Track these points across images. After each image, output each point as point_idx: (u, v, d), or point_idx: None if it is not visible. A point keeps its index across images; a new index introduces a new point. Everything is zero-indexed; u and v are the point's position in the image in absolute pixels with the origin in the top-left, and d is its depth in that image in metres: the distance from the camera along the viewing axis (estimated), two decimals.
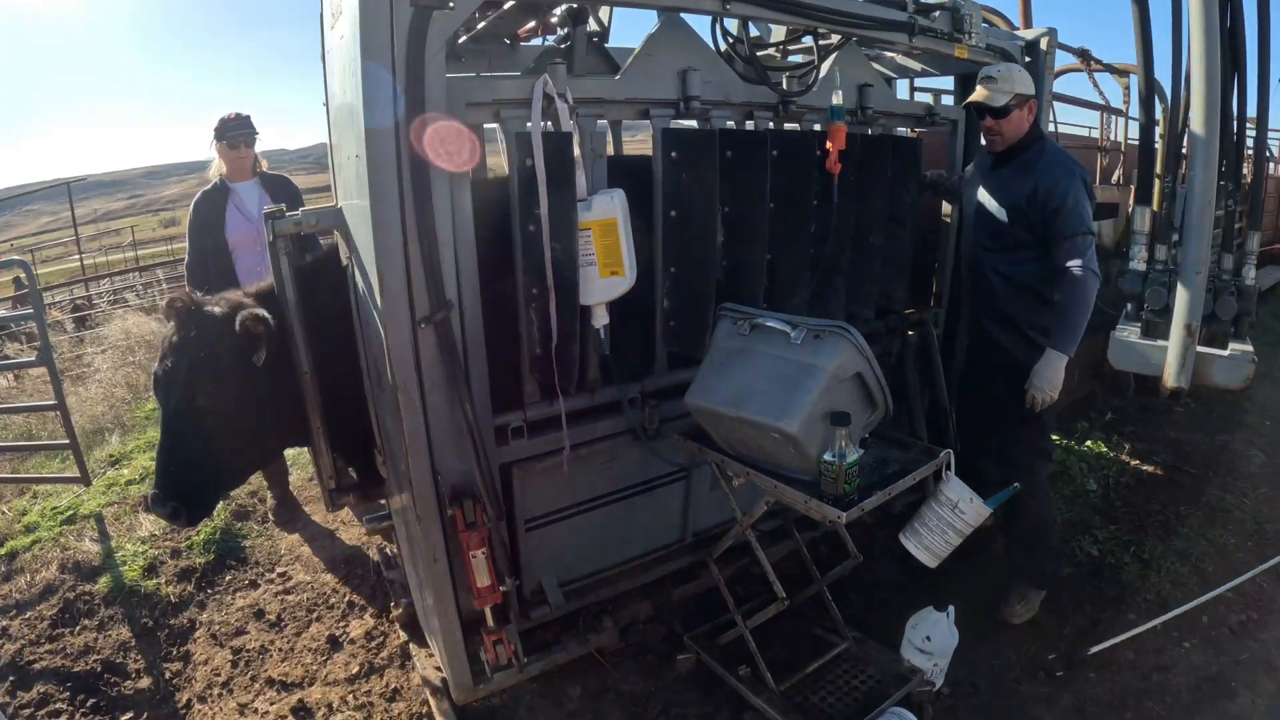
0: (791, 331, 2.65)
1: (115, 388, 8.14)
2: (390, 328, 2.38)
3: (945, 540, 2.78)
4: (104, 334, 9.77)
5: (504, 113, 2.65)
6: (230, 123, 4.40)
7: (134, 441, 6.54)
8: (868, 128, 3.71)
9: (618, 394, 3.08)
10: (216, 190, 4.45)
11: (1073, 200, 3.17)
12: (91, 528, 4.99)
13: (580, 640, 3.29)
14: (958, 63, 3.96)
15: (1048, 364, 3.20)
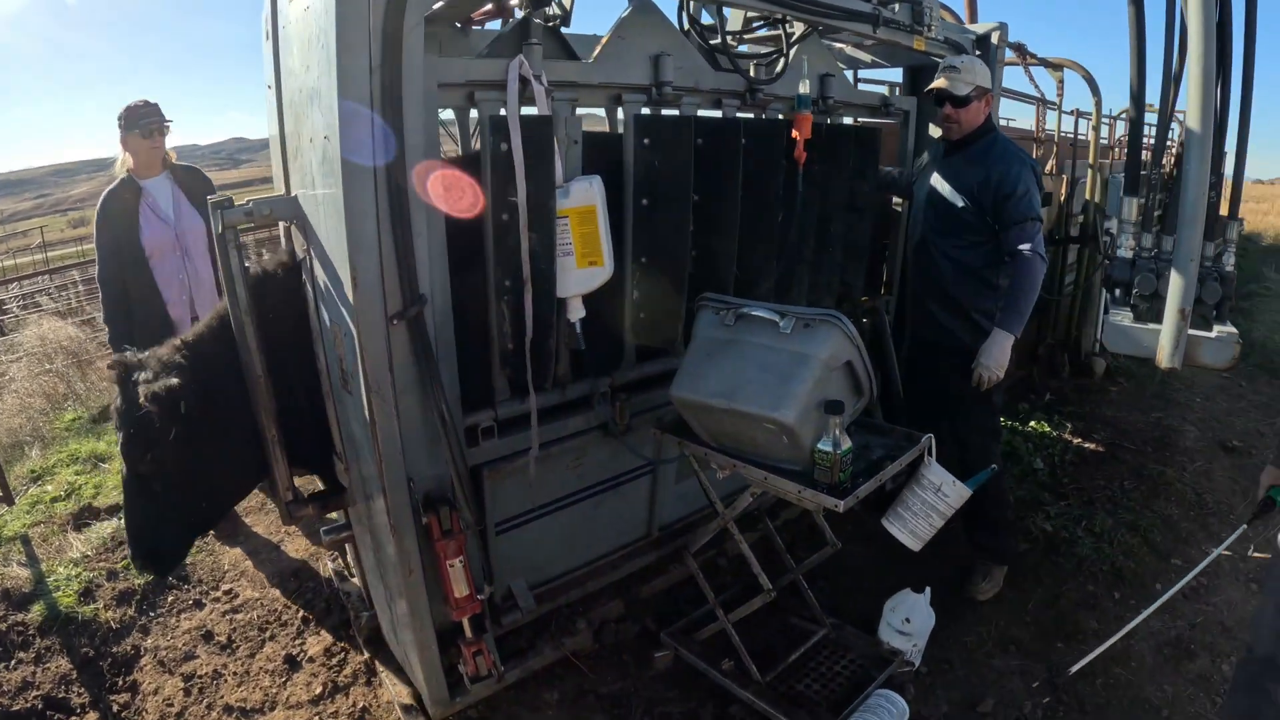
0: (780, 321, 2.58)
1: (32, 398, 7.61)
2: (363, 325, 2.20)
3: (929, 523, 2.76)
4: (17, 340, 9.14)
5: (478, 95, 2.50)
6: (140, 110, 3.98)
7: (56, 455, 6.09)
8: (828, 117, 3.67)
9: (589, 389, 2.96)
10: (125, 188, 4.01)
11: (1023, 187, 3.25)
12: (18, 550, 4.60)
13: (555, 644, 3.18)
14: (909, 55, 4.00)
15: (994, 343, 3.25)
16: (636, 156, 2.86)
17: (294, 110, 2.53)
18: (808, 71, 3.30)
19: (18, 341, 9.10)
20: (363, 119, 2.10)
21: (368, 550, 2.95)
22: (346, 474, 2.76)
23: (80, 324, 9.72)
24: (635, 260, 2.94)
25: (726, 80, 3.17)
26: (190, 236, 4.11)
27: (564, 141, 2.62)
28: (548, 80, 2.54)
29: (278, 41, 2.68)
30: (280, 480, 2.72)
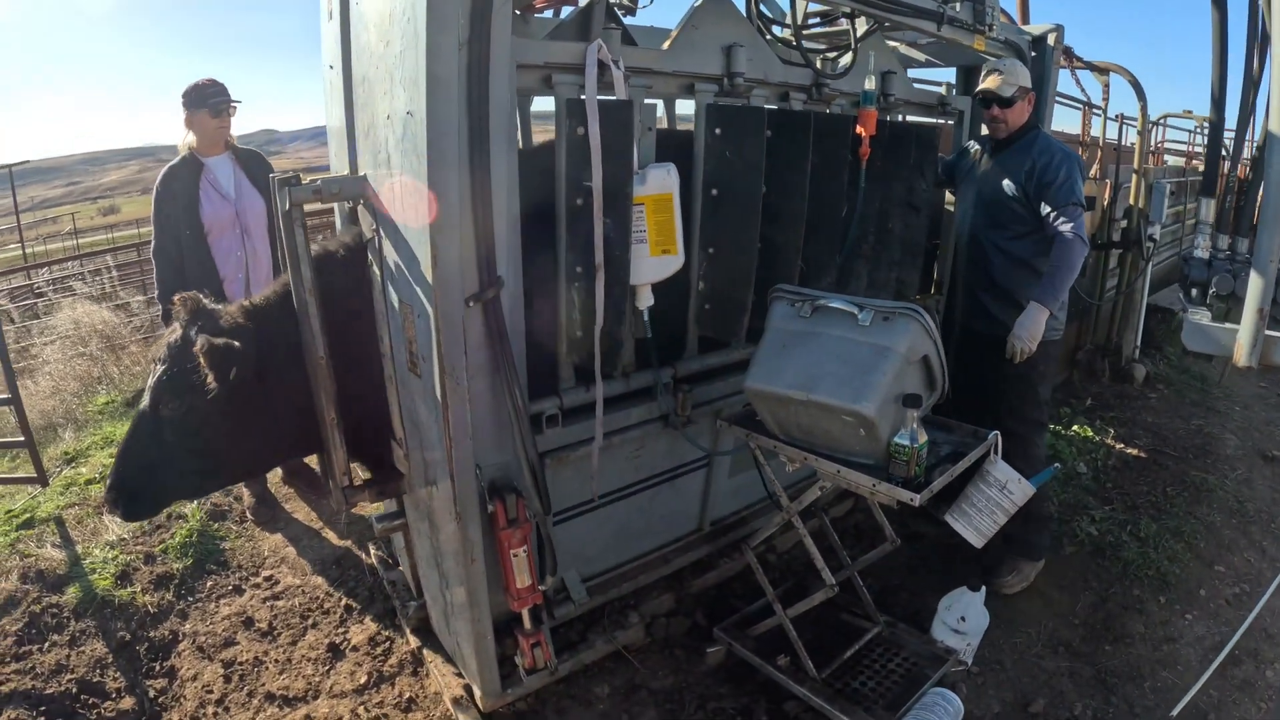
0: (859, 313, 2.53)
1: (66, 380, 7.57)
2: (441, 306, 2.14)
3: (993, 520, 2.72)
4: (52, 324, 9.10)
5: (555, 77, 2.44)
6: (209, 88, 3.97)
7: (90, 438, 6.03)
8: (888, 114, 3.62)
9: (652, 379, 2.89)
10: (186, 165, 4.00)
11: (1065, 174, 3.33)
12: (52, 532, 4.54)
13: (607, 637, 3.12)
14: (963, 54, 3.95)
15: (1029, 315, 3.26)
16: (707, 146, 2.81)
17: (367, 88, 2.48)
18: (873, 67, 3.28)
19: (51, 325, 9.09)
20: (450, 95, 2.05)
21: (422, 538, 2.89)
22: (405, 460, 2.70)
23: (114, 308, 9.69)
24: (702, 250, 2.88)
25: (794, 74, 3.15)
26: (250, 215, 4.09)
27: (639, 128, 2.56)
28: (624, 66, 2.49)
29: (347, 20, 2.63)
30: (337, 465, 2.66)
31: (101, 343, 8.38)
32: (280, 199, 2.43)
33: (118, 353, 8.34)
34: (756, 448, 2.80)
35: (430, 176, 2.06)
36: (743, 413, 2.89)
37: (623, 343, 2.60)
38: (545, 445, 2.68)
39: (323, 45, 2.99)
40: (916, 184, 3.67)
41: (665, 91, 2.85)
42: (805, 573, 3.53)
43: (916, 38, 4.00)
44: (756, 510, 3.63)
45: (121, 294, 10.44)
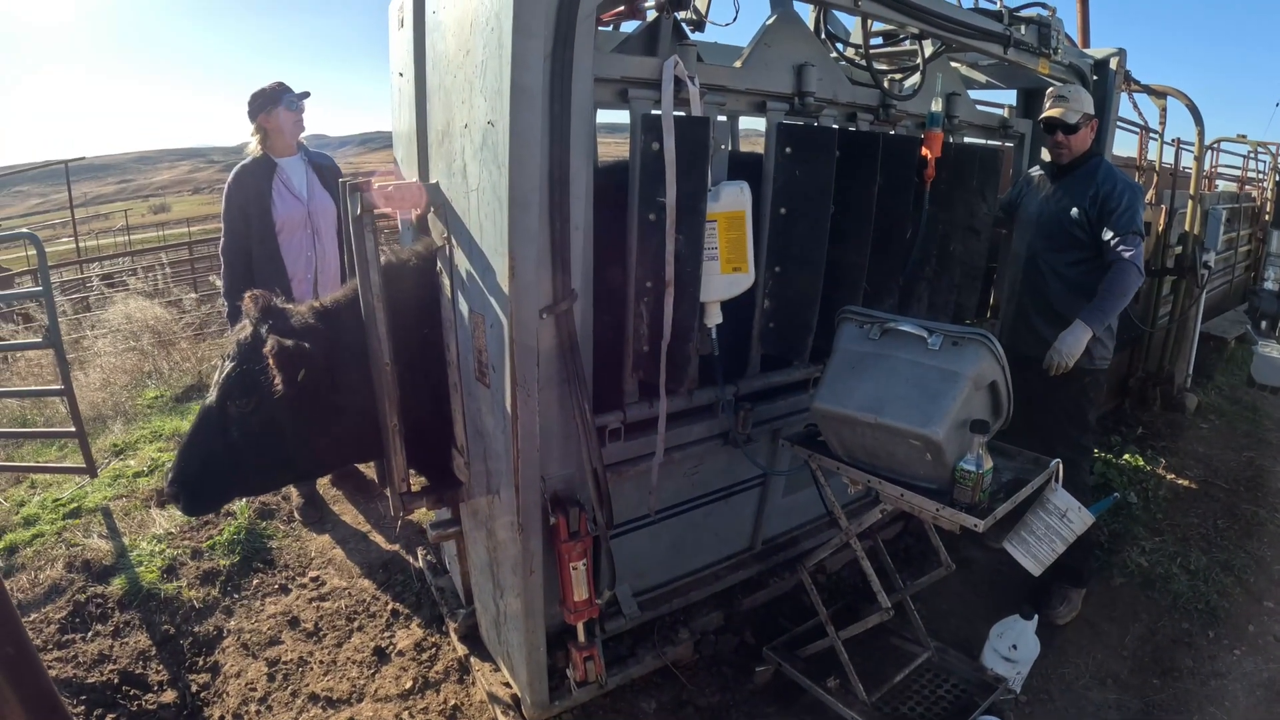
0: (929, 337, 2.50)
1: (116, 374, 7.65)
2: (516, 316, 2.13)
3: (1051, 548, 2.68)
4: (104, 318, 9.20)
5: (632, 92, 2.43)
6: (283, 88, 4.04)
7: (138, 431, 6.10)
8: (951, 136, 3.58)
9: (714, 396, 2.87)
10: (259, 164, 4.04)
11: (1127, 203, 3.33)
12: (99, 522, 4.59)
13: (656, 652, 3.09)
14: (1025, 76, 3.90)
15: (1072, 331, 3.25)
16: (777, 165, 2.79)
17: (443, 96, 2.48)
18: (939, 89, 3.26)
19: (104, 319, 9.21)
20: (533, 105, 2.04)
21: (478, 547, 2.88)
22: (466, 469, 2.69)
23: (166, 305, 9.80)
24: (768, 268, 2.86)
25: (862, 94, 3.14)
26: (321, 216, 4.12)
27: (713, 145, 2.54)
28: (699, 82, 2.48)
29: (421, 29, 2.65)
30: (396, 470, 2.66)
31: (153, 338, 8.45)
32: (351, 204, 2.44)
33: (168, 348, 8.43)
34: (818, 468, 2.77)
35: (511, 187, 2.05)
36: (804, 432, 2.87)
37: (690, 359, 2.58)
38: (606, 459, 2.65)
39: (392, 53, 3.01)
40: (978, 207, 3.63)
41: (736, 109, 2.84)
42: (854, 594, 3.48)
43: (978, 59, 3.97)
44: (808, 530, 3.60)
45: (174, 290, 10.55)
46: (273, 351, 2.37)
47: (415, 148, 2.78)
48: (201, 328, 9.37)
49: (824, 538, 3.25)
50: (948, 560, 3.11)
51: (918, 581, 3.21)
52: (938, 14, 2.98)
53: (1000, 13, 3.39)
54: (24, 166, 24.47)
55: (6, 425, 6.71)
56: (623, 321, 2.55)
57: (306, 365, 2.43)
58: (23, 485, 5.35)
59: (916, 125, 3.37)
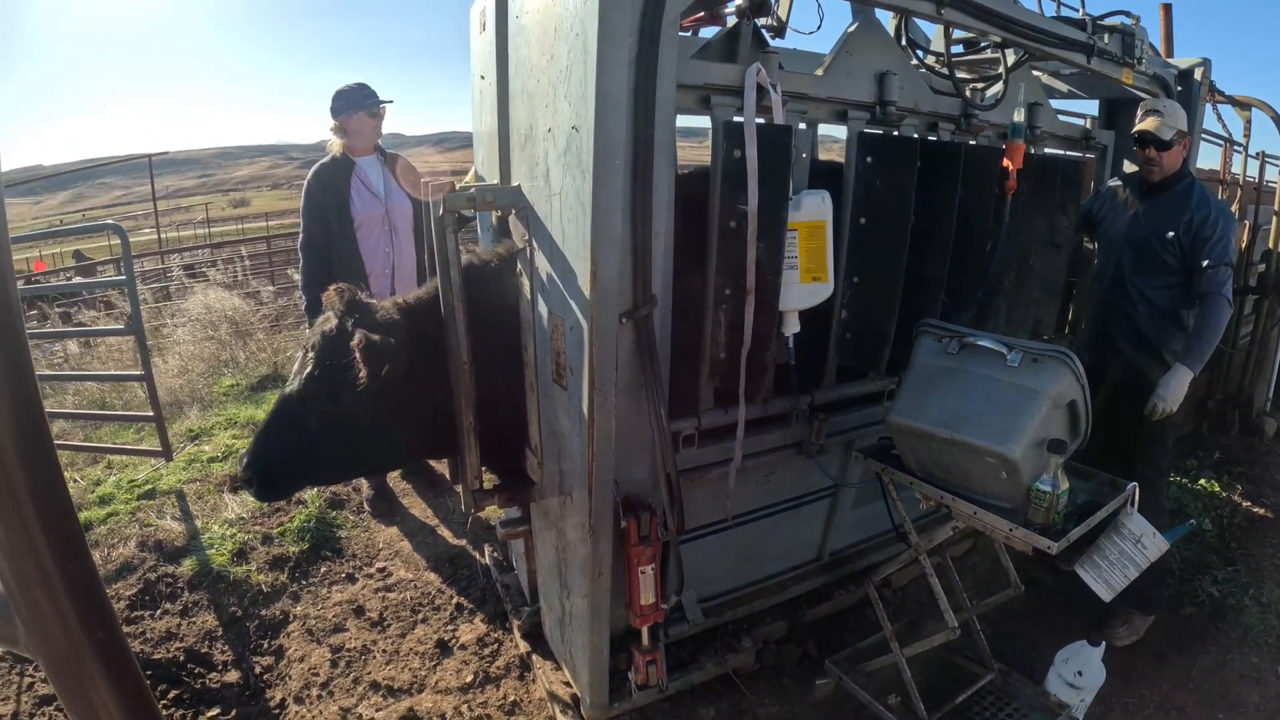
0: (1008, 353, 2.44)
1: (194, 362, 7.88)
2: (597, 320, 2.13)
3: (1124, 574, 2.59)
4: (184, 307, 9.51)
5: (714, 99, 2.42)
6: (364, 90, 4.14)
7: (214, 417, 6.27)
8: (1032, 147, 3.49)
9: (789, 405, 2.83)
10: (338, 163, 4.14)
11: (1221, 232, 3.25)
12: (172, 505, 4.72)
13: (718, 660, 3.07)
14: (1108, 86, 3.79)
15: (1175, 378, 3.22)
16: (858, 174, 2.76)
17: (526, 100, 2.49)
18: (1022, 99, 3.18)
19: (183, 308, 9.50)
20: (618, 111, 2.03)
21: (546, 546, 2.89)
22: (539, 469, 2.71)
23: (244, 296, 10.06)
24: (847, 279, 2.83)
25: (944, 103, 3.07)
26: (398, 214, 4.20)
27: (795, 154, 2.52)
28: (781, 90, 2.45)
29: (504, 33, 2.66)
30: (470, 468, 2.69)
31: (230, 328, 8.69)
32: (434, 205, 2.47)
33: (245, 339, 8.65)
34: (890, 482, 2.72)
35: (595, 192, 2.05)
36: (878, 445, 2.83)
37: (767, 368, 2.55)
38: (680, 465, 2.63)
39: (473, 56, 3.03)
40: (1059, 220, 3.54)
41: (817, 117, 2.80)
42: (920, 611, 3.42)
43: (1060, 68, 3.87)
44: (875, 544, 3.54)
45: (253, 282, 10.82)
46: (360, 345, 2.41)
47: (497, 150, 2.80)
48: (278, 319, 9.62)
49: (892, 552, 3.19)
50: (1017, 581, 3.04)
51: (985, 601, 3.14)
52: (1021, 22, 2.91)
53: (1084, 21, 3.30)
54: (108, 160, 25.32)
55: (86, 408, 6.94)
56: (700, 328, 2.53)
57: (391, 360, 2.46)
58: (100, 465, 5.54)
59: (998, 135, 3.29)
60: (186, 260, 14.13)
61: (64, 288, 10.65)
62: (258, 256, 15.61)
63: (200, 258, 14.18)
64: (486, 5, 2.77)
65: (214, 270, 11.33)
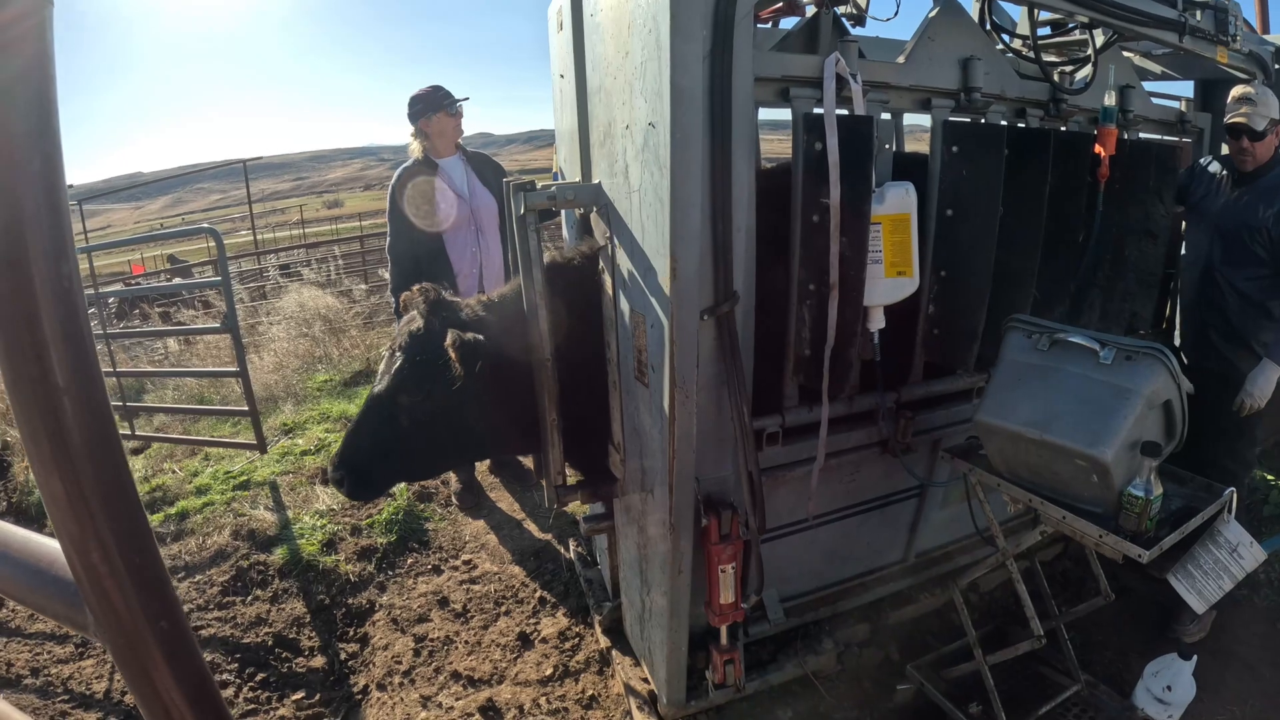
0: (1101, 350, 2.29)
1: (289, 358, 8.10)
2: (677, 318, 2.08)
3: (1219, 585, 2.42)
4: (279, 305, 9.80)
5: (793, 91, 2.34)
6: (442, 92, 4.17)
7: (307, 412, 6.43)
8: (1125, 132, 3.30)
9: (875, 403, 2.73)
10: (421, 166, 4.17)
11: None
12: (266, 495, 4.85)
13: (797, 661, 2.99)
14: (1202, 66, 3.57)
15: (1263, 373, 3.13)
16: (944, 164, 2.64)
17: (603, 98, 2.45)
18: (1112, 82, 3.00)
19: (279, 306, 9.79)
20: (694, 107, 1.98)
21: (629, 543, 2.86)
22: (622, 465, 2.67)
23: (337, 294, 10.32)
24: (933, 272, 2.71)
25: (1031, 88, 2.91)
26: (484, 214, 4.22)
27: (877, 144, 2.42)
28: (861, 80, 2.36)
29: (580, 31, 2.63)
30: (553, 463, 2.67)
31: (324, 325, 8.92)
32: (515, 204, 2.45)
33: (338, 336, 8.87)
34: (978, 483, 2.61)
35: (673, 188, 1.99)
36: (965, 445, 2.71)
37: (852, 365, 2.47)
38: (763, 463, 2.58)
39: (552, 55, 3.01)
40: (1154, 209, 3.34)
41: (900, 106, 2.69)
42: (1006, 617, 3.28)
43: (1152, 48, 3.66)
44: (963, 545, 3.40)
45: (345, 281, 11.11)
46: (454, 344, 2.41)
47: (578, 148, 2.77)
48: (371, 317, 9.83)
49: (979, 555, 3.07)
50: (1107, 589, 2.88)
51: (1073, 610, 2.98)
52: (1108, 1, 2.74)
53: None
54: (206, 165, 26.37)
55: (186, 402, 7.21)
56: (784, 324, 2.47)
57: (483, 357, 2.47)
58: (197, 457, 5.73)
59: (1089, 121, 3.11)
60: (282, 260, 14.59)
61: (164, 289, 11.12)
62: (350, 256, 16.04)
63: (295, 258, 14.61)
64: (563, 4, 2.75)
65: (307, 270, 11.62)
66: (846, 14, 2.93)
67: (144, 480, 5.37)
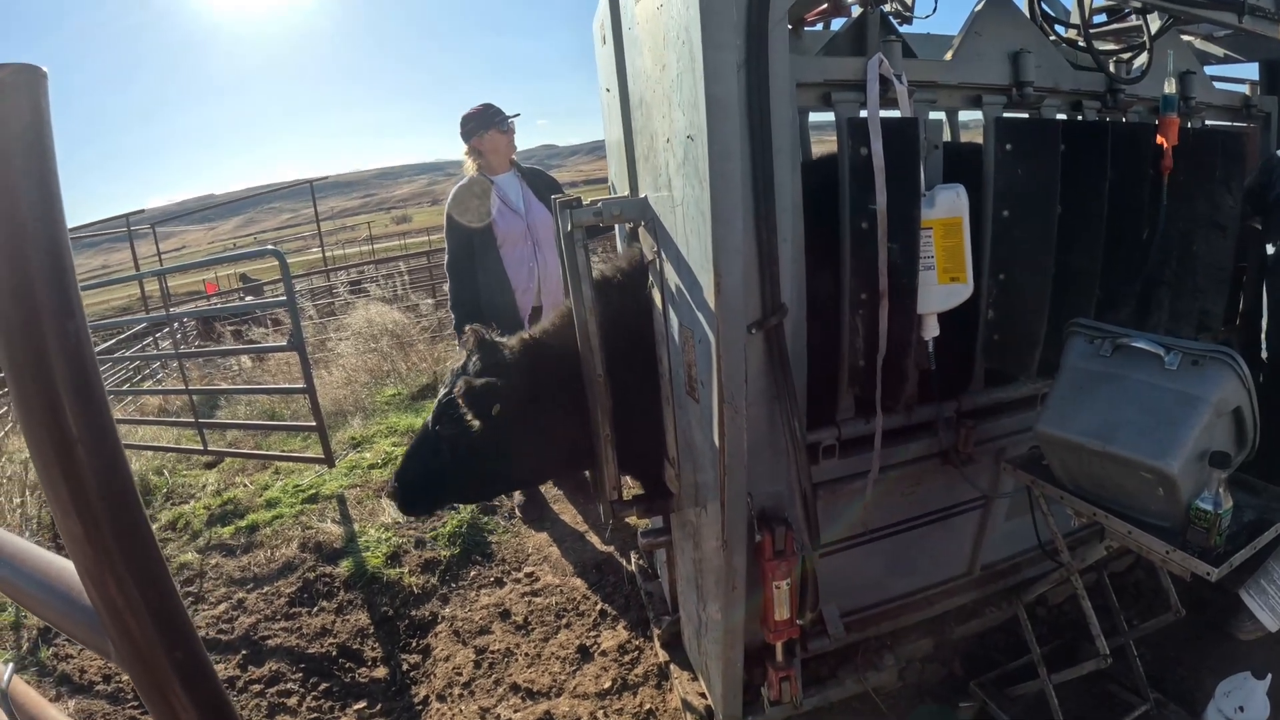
0: (1165, 355, 2.12)
1: (357, 373, 8.21)
2: (722, 332, 1.99)
3: None
4: (346, 322, 9.95)
5: (835, 95, 2.24)
6: (493, 110, 4.16)
7: (375, 426, 6.49)
8: (1188, 120, 3.11)
9: (934, 413, 2.60)
10: (477, 183, 4.17)
11: None
12: (333, 509, 4.90)
13: (859, 677, 2.85)
14: (1267, 46, 3.36)
15: None
16: (997, 164, 2.49)
17: (644, 111, 2.39)
18: (1172, 68, 2.81)
19: (347, 323, 9.94)
20: (730, 117, 1.89)
21: (685, 558, 2.78)
22: (676, 480, 2.59)
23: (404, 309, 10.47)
24: (991, 276, 2.56)
25: (1085, 80, 2.73)
26: (540, 228, 4.21)
27: (925, 146, 2.30)
28: (907, 80, 2.24)
29: (621, 44, 2.57)
30: (609, 480, 2.61)
31: (391, 340, 9.03)
32: (562, 221, 2.40)
33: (406, 350, 8.96)
34: (1040, 495, 2.46)
35: (713, 201, 1.91)
36: (1028, 455, 2.56)
37: (907, 375, 2.35)
38: (820, 476, 2.48)
39: (599, 69, 2.97)
40: (1222, 200, 3.11)
41: (949, 105, 2.56)
42: (1075, 632, 3.09)
43: (1212, 30, 3.44)
44: (1031, 557, 3.21)
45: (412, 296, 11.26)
46: (460, 394, 2.49)
47: (625, 161, 2.72)
48: (438, 330, 9.94)
49: (1048, 566, 2.89)
50: (1177, 605, 2.70)
51: (1142, 625, 2.80)
52: None
53: None
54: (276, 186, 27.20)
55: (258, 418, 7.36)
56: (838, 334, 2.36)
57: (499, 400, 2.51)
58: (268, 471, 5.82)
59: (1149, 111, 2.93)
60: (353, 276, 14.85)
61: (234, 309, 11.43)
62: (418, 271, 16.23)
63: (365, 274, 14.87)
64: (604, 18, 2.70)
65: (374, 286, 11.78)
66: (893, 12, 2.81)
67: (216, 494, 5.49)
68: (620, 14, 2.53)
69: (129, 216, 14.62)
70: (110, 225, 16.04)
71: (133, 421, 7.57)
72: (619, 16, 2.54)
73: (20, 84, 0.68)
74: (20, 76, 0.68)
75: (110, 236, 18.11)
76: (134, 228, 14.84)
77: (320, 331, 10.24)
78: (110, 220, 15.61)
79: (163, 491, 5.75)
